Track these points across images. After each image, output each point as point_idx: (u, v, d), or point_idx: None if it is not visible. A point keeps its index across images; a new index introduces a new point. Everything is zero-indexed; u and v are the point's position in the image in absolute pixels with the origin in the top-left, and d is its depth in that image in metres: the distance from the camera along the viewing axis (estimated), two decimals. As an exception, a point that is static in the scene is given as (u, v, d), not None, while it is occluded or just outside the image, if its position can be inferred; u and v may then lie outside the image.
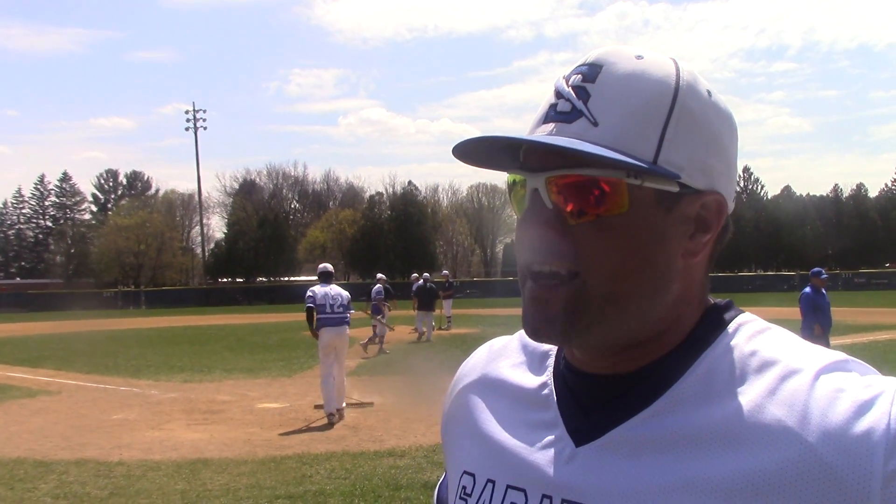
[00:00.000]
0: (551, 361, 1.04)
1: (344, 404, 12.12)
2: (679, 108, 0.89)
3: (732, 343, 0.92)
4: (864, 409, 0.81)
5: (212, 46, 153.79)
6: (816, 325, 12.55)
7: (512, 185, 0.96)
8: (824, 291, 13.00)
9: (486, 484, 1.00)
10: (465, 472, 1.04)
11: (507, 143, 0.92)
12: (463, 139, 0.92)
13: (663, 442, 0.88)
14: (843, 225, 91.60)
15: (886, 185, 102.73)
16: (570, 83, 0.92)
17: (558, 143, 0.86)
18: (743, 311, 0.98)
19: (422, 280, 26.88)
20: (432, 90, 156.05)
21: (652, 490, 0.86)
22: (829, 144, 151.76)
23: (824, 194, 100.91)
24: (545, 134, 0.90)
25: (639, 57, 0.91)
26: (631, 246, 0.89)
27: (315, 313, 12.11)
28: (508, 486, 0.97)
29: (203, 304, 63.23)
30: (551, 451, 0.95)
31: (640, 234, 0.89)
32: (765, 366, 0.88)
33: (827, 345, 12.55)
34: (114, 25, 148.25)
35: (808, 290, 12.97)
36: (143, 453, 9.73)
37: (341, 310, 12.30)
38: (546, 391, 1.01)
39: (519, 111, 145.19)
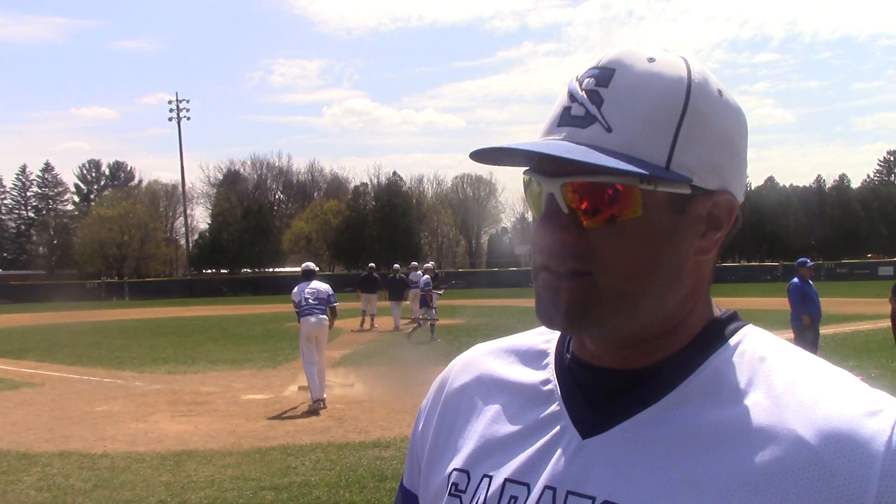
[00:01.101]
0: (551, 359, 1.05)
1: (325, 395, 12.14)
2: (691, 111, 0.90)
3: (742, 348, 0.94)
4: (868, 417, 0.83)
5: (195, 36, 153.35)
6: (805, 315, 12.61)
7: (528, 184, 0.97)
8: (811, 281, 13.08)
9: (481, 479, 0.99)
10: (455, 470, 1.03)
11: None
12: (482, 146, 0.93)
13: (670, 438, 0.89)
14: (825, 215, 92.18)
15: (869, 176, 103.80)
16: (583, 86, 0.93)
17: (572, 157, 0.87)
18: (748, 324, 1.00)
19: (392, 272, 27.63)
20: (417, 81, 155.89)
21: (657, 484, 0.87)
22: (812, 135, 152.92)
23: (807, 185, 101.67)
24: (560, 138, 0.91)
25: (651, 59, 0.92)
26: (644, 248, 0.91)
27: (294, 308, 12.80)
28: (507, 480, 0.97)
29: (187, 296, 63.01)
30: (555, 444, 0.96)
31: (653, 237, 0.91)
32: (773, 372, 0.90)
33: (816, 334, 12.77)
34: (95, 14, 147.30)
35: (795, 280, 13.03)
36: (127, 445, 9.71)
37: (316, 302, 12.70)
38: (549, 386, 1.02)
39: (503, 101, 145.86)
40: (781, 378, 0.89)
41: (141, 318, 37.17)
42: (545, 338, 1.10)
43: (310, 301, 12.62)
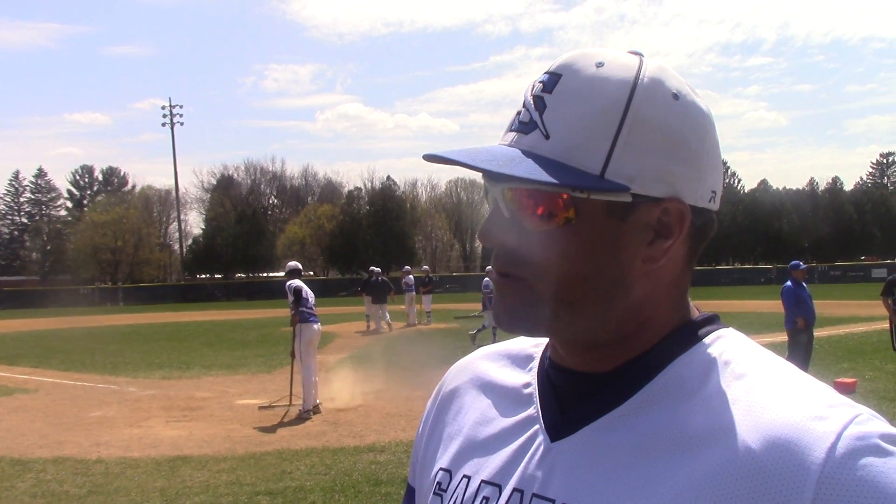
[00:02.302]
0: (535, 363, 1.07)
1: (319, 401, 12.13)
2: (632, 117, 0.89)
3: (707, 352, 0.93)
4: (813, 422, 0.81)
5: (188, 41, 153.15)
6: (800, 318, 12.60)
7: (485, 188, 0.98)
8: (804, 284, 13.08)
9: (461, 479, 1.02)
10: (441, 469, 1.06)
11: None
12: (427, 153, 0.93)
13: (627, 443, 0.90)
14: (819, 218, 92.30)
15: (861, 179, 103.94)
16: (532, 92, 0.93)
17: (485, 168, 0.88)
18: (727, 327, 0.99)
19: (373, 275, 27.92)
20: (409, 85, 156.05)
21: (612, 489, 0.88)
22: (805, 138, 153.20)
23: (801, 188, 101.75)
24: (506, 143, 0.93)
25: (599, 64, 0.91)
26: (580, 254, 0.90)
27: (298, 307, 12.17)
28: (483, 482, 0.98)
29: (181, 301, 62.89)
30: (528, 447, 0.97)
31: (589, 244, 0.90)
32: (734, 377, 0.89)
33: (810, 337, 12.75)
34: (87, 20, 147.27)
35: (789, 283, 13.02)
36: (121, 451, 9.69)
37: (314, 308, 12.44)
38: (529, 389, 1.04)
39: (496, 106, 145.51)
40: (740, 382, 0.88)
41: (135, 323, 37.08)
42: (535, 342, 1.11)
43: (312, 304, 12.35)
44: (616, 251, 0.91)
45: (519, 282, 0.93)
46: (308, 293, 12.35)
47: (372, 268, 29.91)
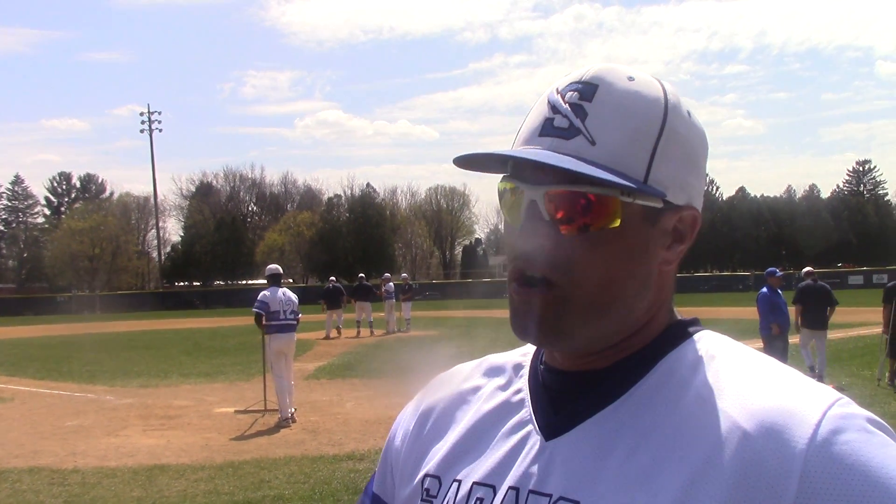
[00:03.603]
0: (525, 371, 1.09)
1: (294, 409, 12.07)
2: (668, 129, 0.95)
3: (695, 348, 0.99)
4: (800, 406, 0.86)
5: (166, 47, 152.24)
6: (774, 325, 12.70)
7: (503, 193, 1.00)
8: (780, 291, 13.17)
9: (451, 484, 1.03)
10: (428, 476, 1.07)
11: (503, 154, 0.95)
12: (470, 152, 0.96)
13: (623, 436, 0.93)
14: (796, 226, 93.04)
15: (838, 186, 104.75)
16: (566, 99, 0.96)
17: (566, 167, 0.90)
18: (706, 329, 1.04)
19: (330, 283, 29.41)
20: (389, 92, 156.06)
21: (610, 481, 0.90)
22: (782, 146, 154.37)
23: (778, 195, 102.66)
24: (543, 148, 0.95)
25: (630, 78, 0.97)
26: (620, 258, 0.95)
27: (264, 319, 12.01)
28: (475, 483, 1.00)
29: (159, 308, 62.57)
30: (521, 447, 0.99)
31: (628, 248, 0.95)
32: (721, 369, 0.94)
33: (785, 344, 12.83)
34: (64, 26, 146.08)
35: (765, 290, 13.13)
36: (98, 460, 9.61)
37: (292, 316, 12.27)
38: (520, 395, 1.06)
39: (475, 113, 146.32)
40: (727, 374, 0.93)
41: (112, 331, 36.82)
42: (522, 352, 1.13)
43: (287, 313, 12.16)
44: (646, 255, 0.97)
45: (555, 289, 0.94)
46: (279, 301, 12.19)
47: (360, 275, 30.74)
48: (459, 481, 1.02)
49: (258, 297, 12.14)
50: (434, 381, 1.22)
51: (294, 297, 12.47)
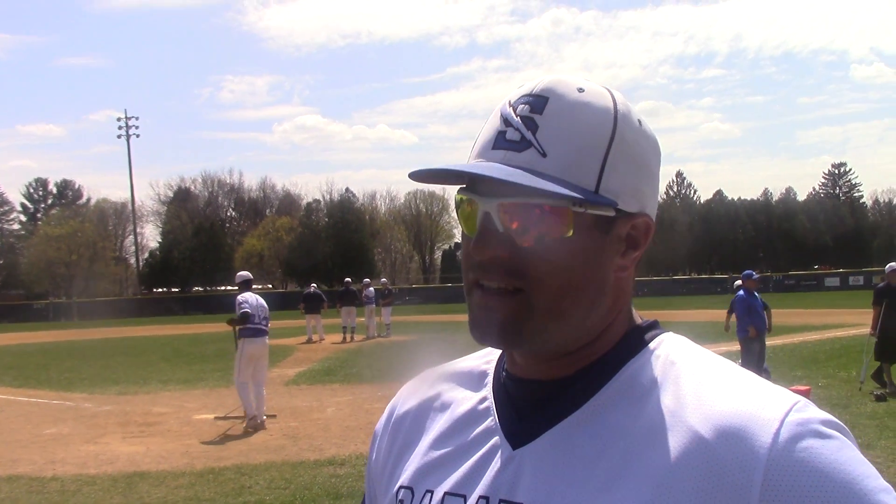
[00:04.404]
0: (489, 379, 1.11)
1: (265, 416, 12.07)
2: (618, 138, 0.97)
3: (657, 353, 1.00)
4: (759, 412, 0.89)
5: (143, 52, 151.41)
6: (751, 327, 12.77)
7: (459, 203, 1.02)
8: (756, 294, 13.26)
9: (424, 494, 1.05)
10: (401, 487, 1.08)
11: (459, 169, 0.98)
12: (424, 168, 0.98)
13: (589, 443, 0.95)
14: (773, 228, 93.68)
15: (814, 189, 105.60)
16: (517, 112, 0.98)
17: (515, 181, 0.92)
18: (667, 331, 1.06)
19: (310, 288, 29.90)
20: (367, 97, 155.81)
21: (578, 487, 0.92)
22: (759, 149, 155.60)
23: (755, 198, 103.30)
24: (495, 161, 0.97)
25: (580, 89, 0.98)
26: (574, 266, 0.96)
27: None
28: (447, 494, 1.02)
29: (138, 315, 62.15)
30: (490, 457, 1.01)
31: (582, 256, 0.97)
32: (681, 374, 0.96)
33: (762, 346, 12.90)
34: (40, 31, 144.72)
35: (741, 292, 13.21)
36: (77, 468, 9.56)
37: (265, 322, 12.36)
38: (485, 404, 1.08)
39: (454, 117, 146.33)
40: (688, 379, 0.95)
41: (90, 338, 36.58)
42: (486, 359, 1.15)
43: (261, 319, 12.23)
44: (600, 262, 0.98)
45: (515, 295, 0.97)
46: (257, 306, 12.23)
47: (346, 279, 30.99)
48: (431, 492, 1.04)
49: (241, 301, 12.12)
50: (402, 390, 1.23)
51: (264, 302, 12.54)
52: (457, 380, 1.15)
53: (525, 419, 1.01)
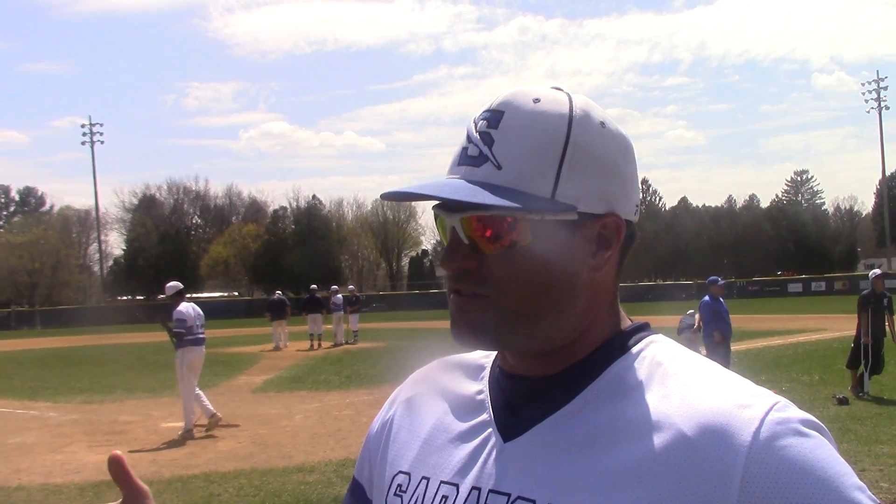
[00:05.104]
0: (486, 372, 1.16)
1: (196, 422, 12.10)
2: (572, 145, 1.00)
3: (643, 354, 1.04)
4: (740, 409, 0.92)
5: (107, 58, 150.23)
6: (716, 332, 12.89)
7: (436, 217, 1.07)
8: (721, 299, 13.39)
9: (420, 481, 1.10)
10: (400, 472, 1.14)
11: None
12: (390, 191, 1.03)
13: (575, 437, 0.99)
14: (737, 235, 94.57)
15: (777, 196, 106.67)
16: (477, 128, 1.03)
17: (457, 198, 0.97)
18: (657, 332, 1.10)
19: (276, 295, 30.48)
20: (333, 103, 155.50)
21: (562, 480, 0.97)
22: (722, 157, 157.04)
23: (719, 205, 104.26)
24: (458, 177, 1.02)
25: (536, 100, 1.02)
26: (537, 271, 1.00)
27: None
28: (442, 482, 1.07)
29: (102, 323, 61.45)
30: (482, 448, 1.06)
31: (544, 261, 1.00)
32: (667, 375, 1.00)
33: (727, 351, 13.03)
34: (2, 36, 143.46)
35: (706, 298, 13.34)
36: (43, 477, 9.47)
37: (202, 330, 12.44)
38: (481, 396, 1.13)
39: (421, 124, 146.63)
40: (673, 379, 0.99)
41: (54, 346, 36.17)
42: (485, 354, 1.20)
43: (199, 327, 12.33)
44: (567, 265, 1.02)
45: (484, 299, 1.02)
46: (196, 316, 12.31)
47: (312, 286, 30.94)
48: (428, 479, 1.09)
49: (177, 314, 12.15)
50: (410, 378, 1.29)
51: (201, 311, 12.62)
52: (459, 371, 1.20)
53: (517, 414, 1.06)
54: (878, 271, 13.71)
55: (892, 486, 7.67)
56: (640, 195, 1.11)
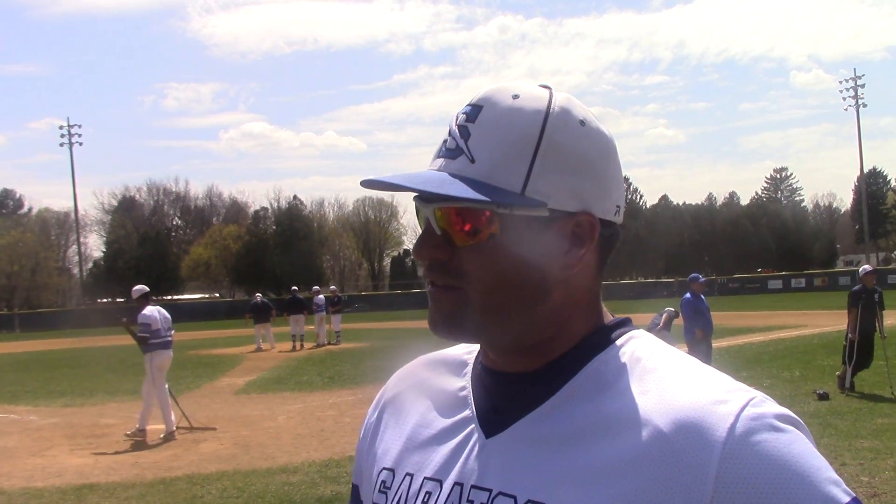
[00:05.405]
0: (469, 368, 1.17)
1: (147, 426, 12.01)
2: (546, 142, 1.00)
3: (623, 350, 1.05)
4: (716, 405, 0.93)
5: (85, 59, 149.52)
6: (698, 329, 12.94)
7: (417, 209, 1.07)
8: (702, 296, 13.45)
9: (404, 477, 1.11)
10: (384, 469, 1.15)
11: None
12: (368, 178, 1.03)
13: (555, 433, 1.00)
14: (717, 232, 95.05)
15: (757, 193, 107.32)
16: (457, 122, 1.04)
17: (423, 188, 0.98)
18: (638, 328, 1.10)
19: (257, 298, 30.26)
20: (314, 104, 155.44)
21: (543, 475, 0.98)
22: (702, 155, 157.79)
23: (699, 203, 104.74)
24: (436, 168, 1.03)
25: (515, 96, 1.03)
26: (508, 264, 1.01)
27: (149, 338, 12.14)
28: (425, 478, 1.08)
29: (82, 326, 61.05)
30: (465, 445, 1.07)
31: (515, 254, 1.01)
32: (646, 371, 1.01)
33: (709, 348, 13.08)
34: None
35: (688, 295, 13.38)
36: (24, 481, 9.41)
37: (169, 333, 12.51)
38: (464, 392, 1.13)
39: (401, 124, 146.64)
40: (652, 375, 1.00)
41: (34, 350, 35.94)
42: (468, 349, 1.21)
43: (166, 330, 12.36)
44: (537, 260, 1.02)
45: (455, 291, 1.02)
46: (163, 319, 12.36)
47: (293, 287, 31.28)
48: (412, 475, 1.09)
49: (142, 318, 12.18)
50: (395, 375, 1.29)
51: (167, 314, 12.63)
52: (443, 367, 1.21)
53: (499, 410, 1.06)
54: (868, 267, 13.76)
55: (873, 479, 7.73)
56: (624, 195, 1.10)
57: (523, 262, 1.01)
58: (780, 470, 0.88)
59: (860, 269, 13.90)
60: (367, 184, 1.04)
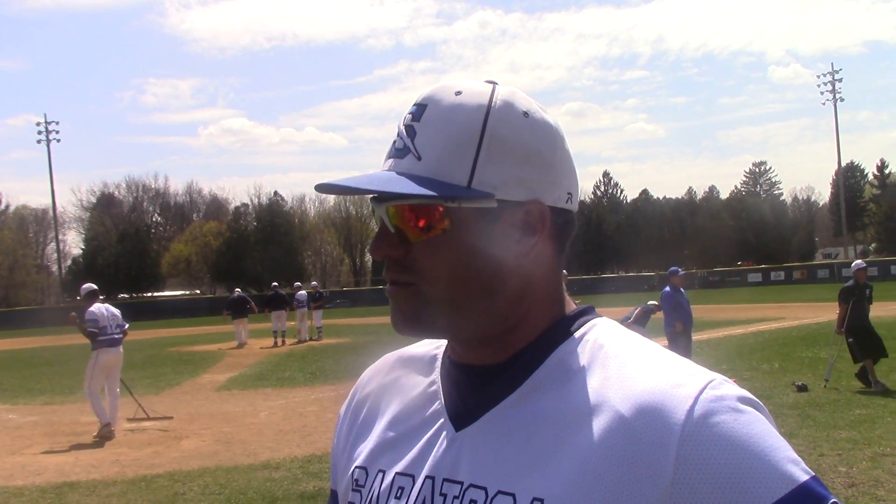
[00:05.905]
0: (438, 363, 1.18)
1: (109, 419, 12.03)
2: (489, 135, 1.02)
3: (586, 338, 1.06)
4: (675, 389, 0.94)
5: (62, 55, 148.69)
6: (678, 322, 13.00)
7: (372, 209, 1.09)
8: (682, 290, 13.51)
9: (377, 474, 1.12)
10: (357, 467, 1.16)
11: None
12: (319, 183, 1.04)
13: (522, 424, 1.01)
14: (697, 226, 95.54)
15: (736, 187, 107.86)
16: (404, 122, 1.06)
17: (369, 188, 1.01)
18: (601, 316, 1.12)
19: (235, 293, 30.70)
20: (294, 99, 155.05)
21: (511, 466, 0.99)
22: (682, 149, 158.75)
23: (680, 197, 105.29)
24: (386, 168, 1.05)
25: (458, 93, 1.05)
26: (461, 257, 1.02)
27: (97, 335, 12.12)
28: (397, 474, 1.09)
29: (61, 324, 60.60)
30: (436, 438, 1.08)
31: (466, 247, 1.02)
32: (608, 357, 1.02)
33: (689, 341, 13.13)
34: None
35: (667, 288, 13.44)
36: (3, 480, 9.35)
37: (118, 330, 12.44)
38: (434, 387, 1.15)
39: (382, 119, 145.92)
40: (614, 361, 1.01)
41: (12, 348, 35.75)
42: (436, 344, 1.22)
43: (113, 328, 12.32)
44: (489, 251, 1.03)
45: (410, 287, 1.04)
46: (110, 317, 12.31)
47: (274, 283, 31.26)
48: (384, 472, 1.11)
49: (88, 315, 12.13)
50: (364, 374, 1.31)
51: (117, 311, 12.59)
52: (412, 364, 1.22)
53: (467, 403, 1.07)
54: (860, 263, 13.82)
55: (850, 470, 7.81)
56: (577, 183, 1.12)
57: (476, 253, 1.02)
58: (739, 450, 0.89)
59: (853, 265, 13.93)
60: (321, 188, 1.05)
